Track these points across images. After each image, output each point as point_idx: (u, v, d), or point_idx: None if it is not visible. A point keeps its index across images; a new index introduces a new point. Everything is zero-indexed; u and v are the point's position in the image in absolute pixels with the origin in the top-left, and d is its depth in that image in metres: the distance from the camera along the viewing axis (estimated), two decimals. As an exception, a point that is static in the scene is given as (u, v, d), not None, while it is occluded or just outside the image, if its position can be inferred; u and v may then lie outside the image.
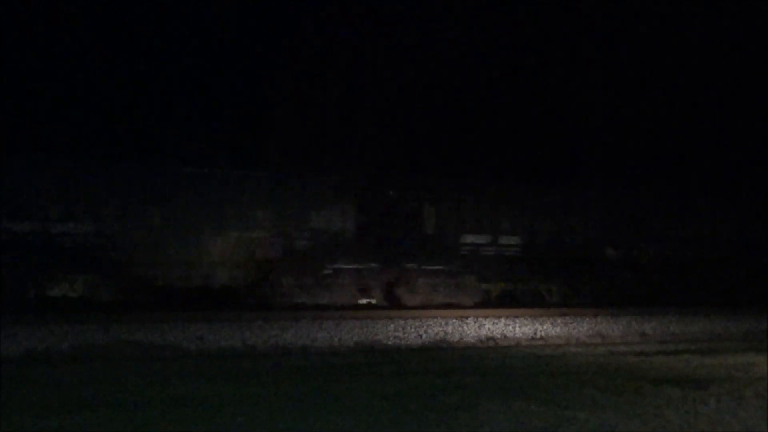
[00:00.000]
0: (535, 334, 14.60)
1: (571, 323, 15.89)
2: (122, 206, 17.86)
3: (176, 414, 7.09)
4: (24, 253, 16.92)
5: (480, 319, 15.92)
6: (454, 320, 15.65)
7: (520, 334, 14.50)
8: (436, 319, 15.69)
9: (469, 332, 14.46)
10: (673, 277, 22.11)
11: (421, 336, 13.94)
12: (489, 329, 14.82)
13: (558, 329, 15.17)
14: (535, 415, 7.05)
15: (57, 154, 18.17)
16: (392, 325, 14.68)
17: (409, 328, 14.54)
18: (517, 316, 16.74)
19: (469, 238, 20.55)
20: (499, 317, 16.47)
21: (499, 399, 7.74)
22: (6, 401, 7.52)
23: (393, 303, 19.52)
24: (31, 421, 6.75)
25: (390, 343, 13.35)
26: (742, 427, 6.77)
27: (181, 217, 18.13)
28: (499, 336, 14.25)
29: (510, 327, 15.14)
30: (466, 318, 16.07)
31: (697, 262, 22.51)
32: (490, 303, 20.29)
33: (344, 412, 7.18)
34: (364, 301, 19.52)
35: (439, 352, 12.64)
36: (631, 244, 22.26)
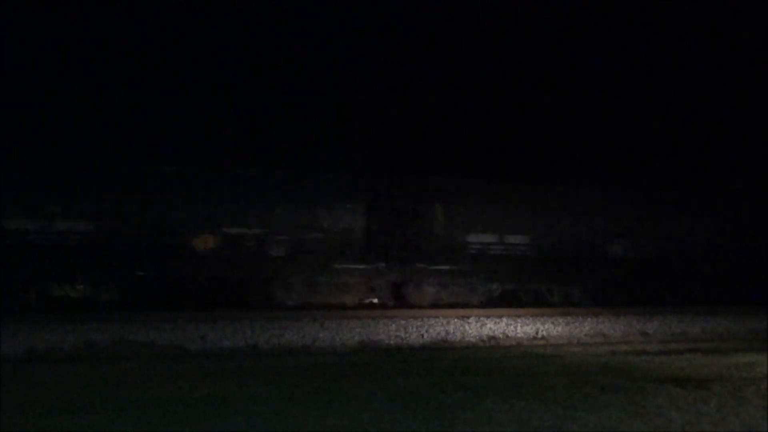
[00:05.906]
0: (537, 333, 14.59)
1: (573, 323, 15.88)
2: (122, 204, 17.81)
3: (177, 414, 7.09)
4: (25, 253, 16.91)
5: (482, 319, 15.92)
6: (456, 320, 15.65)
7: (522, 334, 14.48)
8: (437, 319, 15.69)
9: (470, 332, 14.45)
10: (673, 275, 22.09)
11: (422, 335, 13.93)
12: (491, 329, 14.81)
13: (560, 329, 15.16)
14: (537, 415, 7.05)
15: (56, 151, 18.13)
16: (394, 325, 14.67)
17: (411, 327, 14.53)
18: (518, 316, 16.74)
19: (477, 238, 20.52)
20: (500, 317, 16.46)
21: (500, 398, 7.74)
22: (6, 401, 7.51)
23: (400, 303, 19.51)
24: (31, 421, 6.75)
25: (392, 342, 13.34)
26: (744, 427, 6.76)
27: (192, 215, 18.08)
28: (500, 335, 14.23)
29: (512, 326, 15.13)
30: (468, 317, 16.06)
31: (699, 261, 22.49)
32: (492, 302, 20.27)
33: (346, 411, 7.18)
34: (371, 300, 19.52)
35: (440, 351, 12.63)
36: (633, 243, 22.22)
